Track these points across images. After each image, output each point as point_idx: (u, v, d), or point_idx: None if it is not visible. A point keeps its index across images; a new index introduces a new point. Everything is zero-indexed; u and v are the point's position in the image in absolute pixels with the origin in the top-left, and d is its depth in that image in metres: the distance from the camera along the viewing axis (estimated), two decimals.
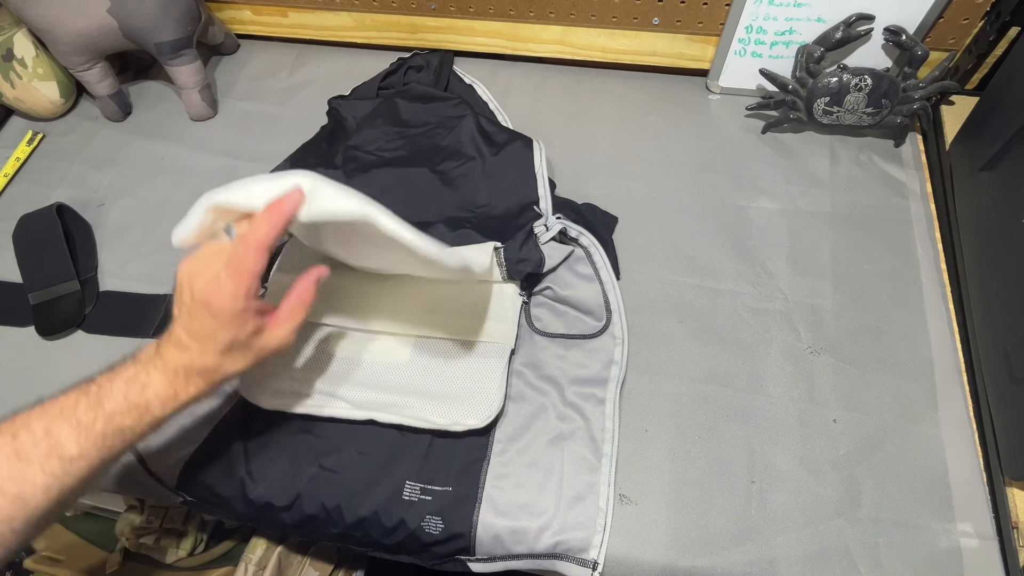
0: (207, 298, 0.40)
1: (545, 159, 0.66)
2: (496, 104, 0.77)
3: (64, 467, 0.37)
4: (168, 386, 0.41)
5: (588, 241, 0.61)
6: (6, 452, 0.37)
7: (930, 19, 0.66)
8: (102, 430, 0.39)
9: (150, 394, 0.41)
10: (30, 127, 0.82)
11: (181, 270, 0.42)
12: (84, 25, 0.71)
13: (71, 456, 0.38)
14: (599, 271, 0.60)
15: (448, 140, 0.68)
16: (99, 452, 0.39)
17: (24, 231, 0.68)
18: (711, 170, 0.72)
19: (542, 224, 0.61)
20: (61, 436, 0.38)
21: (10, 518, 0.36)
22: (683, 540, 0.51)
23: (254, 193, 0.41)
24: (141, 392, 0.41)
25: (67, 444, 0.38)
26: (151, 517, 0.91)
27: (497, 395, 0.55)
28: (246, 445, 0.55)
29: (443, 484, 0.53)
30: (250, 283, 0.40)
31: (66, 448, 0.37)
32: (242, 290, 0.40)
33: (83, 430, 0.38)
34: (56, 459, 0.37)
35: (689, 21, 0.74)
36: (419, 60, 0.80)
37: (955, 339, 0.60)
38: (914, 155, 0.72)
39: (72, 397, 0.40)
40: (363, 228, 0.44)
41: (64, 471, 0.37)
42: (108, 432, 0.39)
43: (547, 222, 0.61)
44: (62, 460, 0.37)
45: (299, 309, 0.46)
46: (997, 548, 0.50)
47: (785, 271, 0.64)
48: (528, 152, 0.66)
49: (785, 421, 0.56)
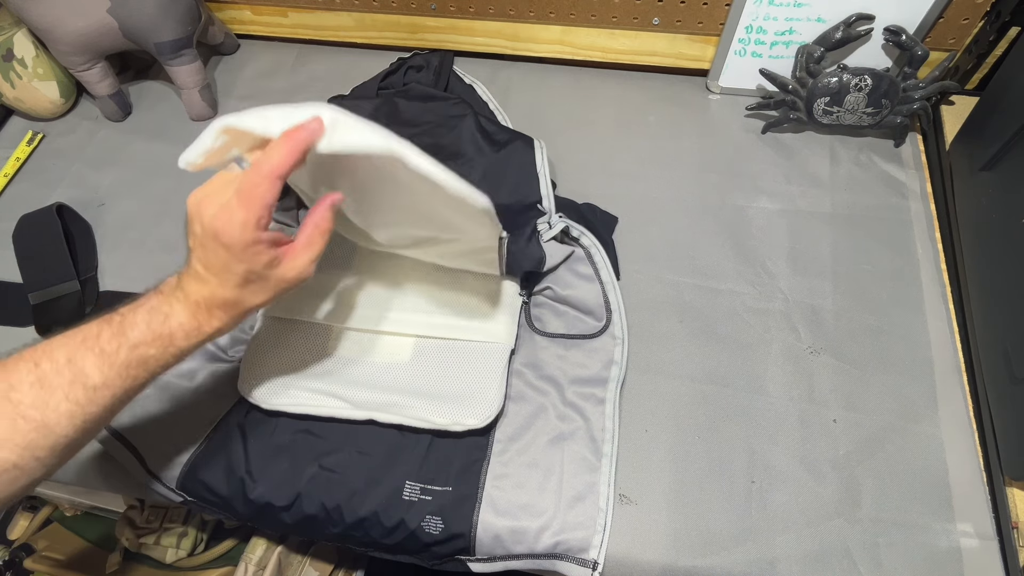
0: (216, 229, 0.38)
1: (547, 158, 0.66)
2: (496, 104, 0.77)
3: (88, 396, 0.37)
4: (191, 318, 0.41)
5: (589, 241, 0.60)
6: (29, 380, 0.36)
7: (930, 19, 0.66)
8: (125, 359, 0.38)
9: (173, 325, 0.40)
10: (30, 127, 0.82)
11: (190, 200, 0.40)
12: (84, 25, 0.71)
13: (95, 385, 0.37)
14: (599, 271, 0.60)
15: (448, 139, 0.68)
16: (123, 382, 0.38)
17: (24, 231, 0.68)
18: (711, 170, 0.72)
19: (545, 222, 0.61)
20: (84, 365, 0.37)
21: (34, 445, 0.36)
22: (683, 540, 0.51)
23: (271, 119, 0.39)
24: (164, 323, 0.40)
25: (91, 373, 0.37)
26: (151, 517, 0.91)
27: (497, 395, 0.55)
28: (246, 445, 0.55)
29: (443, 484, 0.53)
30: (261, 213, 0.39)
31: (90, 377, 0.37)
32: (252, 219, 0.38)
33: (106, 359, 0.38)
34: (80, 387, 0.37)
35: (689, 21, 0.74)
36: (419, 60, 0.80)
37: (955, 339, 0.60)
38: (914, 155, 0.72)
39: (95, 327, 0.39)
40: (385, 168, 0.42)
41: (88, 399, 0.37)
42: (132, 362, 0.39)
43: (550, 220, 0.61)
44: (86, 389, 0.37)
45: (317, 238, 0.43)
46: (997, 548, 0.50)
47: (785, 271, 0.64)
48: (529, 151, 0.66)
49: (785, 421, 0.56)
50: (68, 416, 0.37)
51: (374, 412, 0.54)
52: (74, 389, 0.37)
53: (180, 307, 0.41)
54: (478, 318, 0.59)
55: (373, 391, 0.56)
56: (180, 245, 0.70)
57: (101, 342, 0.38)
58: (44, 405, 0.36)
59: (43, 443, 0.36)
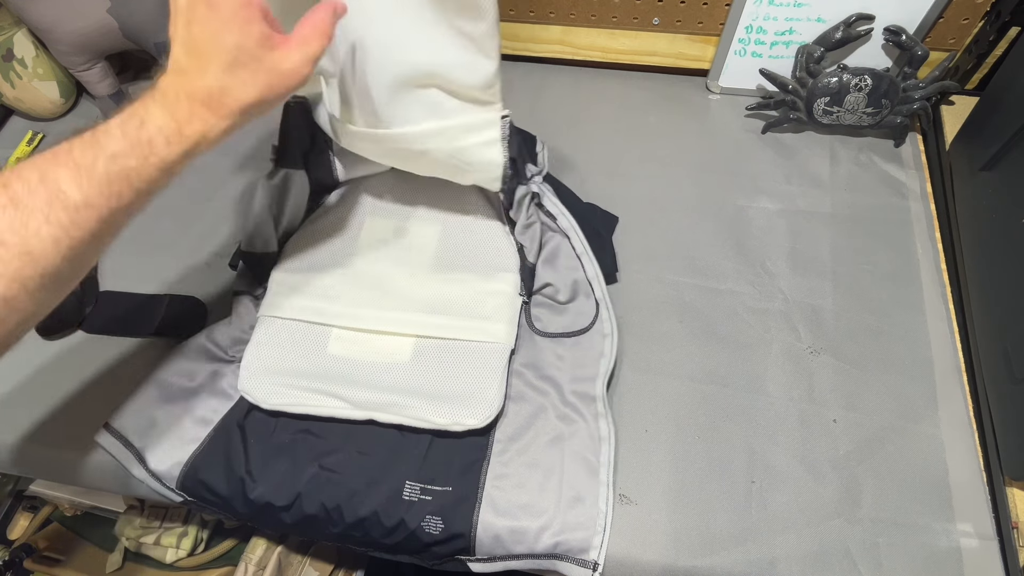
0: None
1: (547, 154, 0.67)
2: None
3: (70, 216, 0.33)
4: (170, 118, 0.36)
5: (568, 223, 0.61)
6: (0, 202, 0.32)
7: (930, 19, 0.66)
8: (104, 171, 0.34)
9: (151, 129, 0.36)
10: (30, 127, 0.82)
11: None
12: (84, 25, 0.71)
13: (75, 204, 0.33)
14: (580, 257, 0.60)
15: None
16: (106, 200, 0.34)
17: None
18: (711, 170, 0.72)
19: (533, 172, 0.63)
20: (59, 181, 0.33)
21: (20, 276, 0.32)
22: (683, 540, 0.51)
23: None
24: (141, 127, 0.36)
25: (68, 190, 0.33)
26: (151, 517, 0.91)
27: (497, 395, 0.55)
28: (246, 445, 0.55)
29: (443, 484, 0.53)
30: None
31: (68, 195, 0.33)
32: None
33: (83, 172, 0.34)
34: (60, 207, 0.33)
35: (689, 21, 0.74)
36: None
37: (955, 339, 0.60)
38: (914, 155, 0.72)
39: (64, 143, 0.35)
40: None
41: (71, 221, 0.33)
42: (111, 175, 0.34)
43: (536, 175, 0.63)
44: (66, 208, 0.33)
45: (314, 37, 0.39)
46: (997, 548, 0.50)
47: (785, 271, 0.64)
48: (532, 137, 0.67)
49: (785, 421, 0.56)
50: (52, 241, 0.33)
51: (374, 412, 0.54)
52: (54, 210, 0.33)
53: (157, 108, 0.36)
54: (478, 318, 0.59)
55: (373, 391, 0.56)
56: (180, 245, 0.70)
57: (74, 156, 0.34)
58: (23, 228, 0.32)
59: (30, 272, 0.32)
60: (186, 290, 0.66)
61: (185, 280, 0.67)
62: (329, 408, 0.55)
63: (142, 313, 0.65)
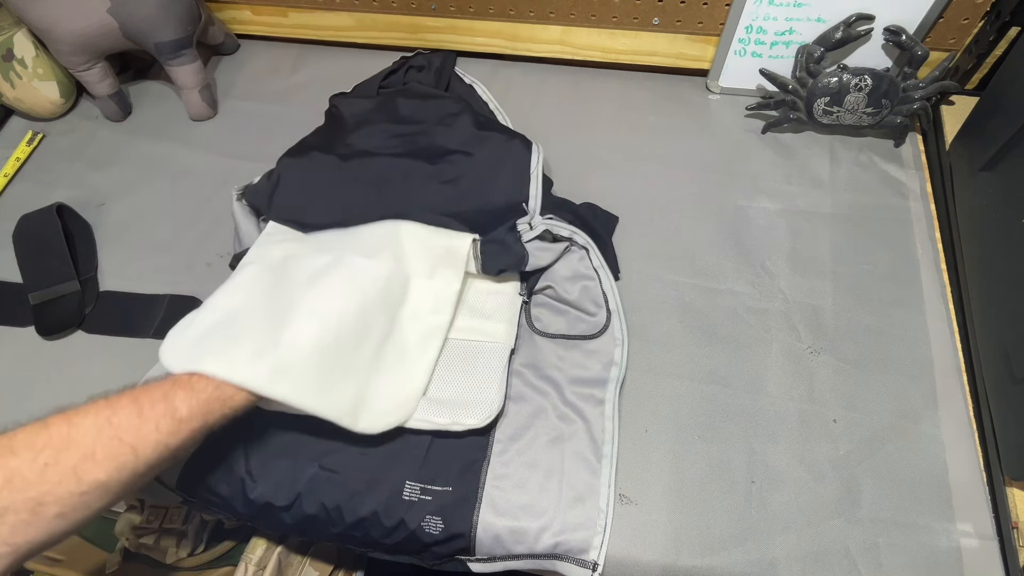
0: None
1: (542, 161, 0.65)
2: (496, 104, 0.77)
3: (173, 427, 0.41)
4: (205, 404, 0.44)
5: (584, 239, 0.60)
6: (129, 409, 0.41)
7: (930, 19, 0.66)
8: (208, 396, 0.43)
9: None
10: (30, 127, 0.82)
11: None
12: (84, 25, 0.71)
13: (181, 417, 0.41)
14: (598, 271, 0.60)
15: (446, 137, 0.68)
16: (203, 417, 0.43)
17: (24, 231, 0.68)
18: (711, 170, 0.72)
19: (526, 223, 0.60)
20: (175, 400, 0.42)
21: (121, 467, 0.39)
22: (683, 540, 0.51)
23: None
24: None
25: (179, 406, 0.42)
26: (151, 517, 0.91)
27: (497, 395, 0.55)
28: (246, 445, 0.55)
29: (443, 484, 0.53)
30: None
31: (178, 410, 0.41)
32: None
33: (194, 395, 0.42)
34: (169, 419, 0.41)
35: (689, 21, 0.74)
36: (420, 60, 0.80)
37: (955, 339, 0.60)
38: (914, 155, 0.72)
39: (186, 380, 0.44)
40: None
41: (171, 431, 0.41)
42: (212, 398, 0.43)
43: (531, 220, 0.60)
44: (173, 420, 0.41)
45: None
46: (997, 548, 0.50)
47: (785, 271, 0.64)
48: (526, 152, 0.66)
49: (785, 421, 0.56)
50: (154, 445, 0.40)
51: None
52: (164, 420, 0.41)
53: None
54: (478, 318, 0.59)
55: None
56: (179, 245, 0.70)
57: (192, 380, 0.43)
58: (137, 431, 0.40)
59: (129, 466, 0.39)
60: (186, 290, 0.66)
61: (185, 280, 0.67)
62: None
63: (142, 313, 0.65)
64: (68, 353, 0.63)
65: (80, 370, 0.62)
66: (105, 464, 0.39)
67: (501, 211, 0.61)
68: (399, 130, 0.70)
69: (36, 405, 0.59)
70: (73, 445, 0.39)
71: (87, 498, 0.38)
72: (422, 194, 0.63)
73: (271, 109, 0.82)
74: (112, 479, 0.39)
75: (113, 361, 0.62)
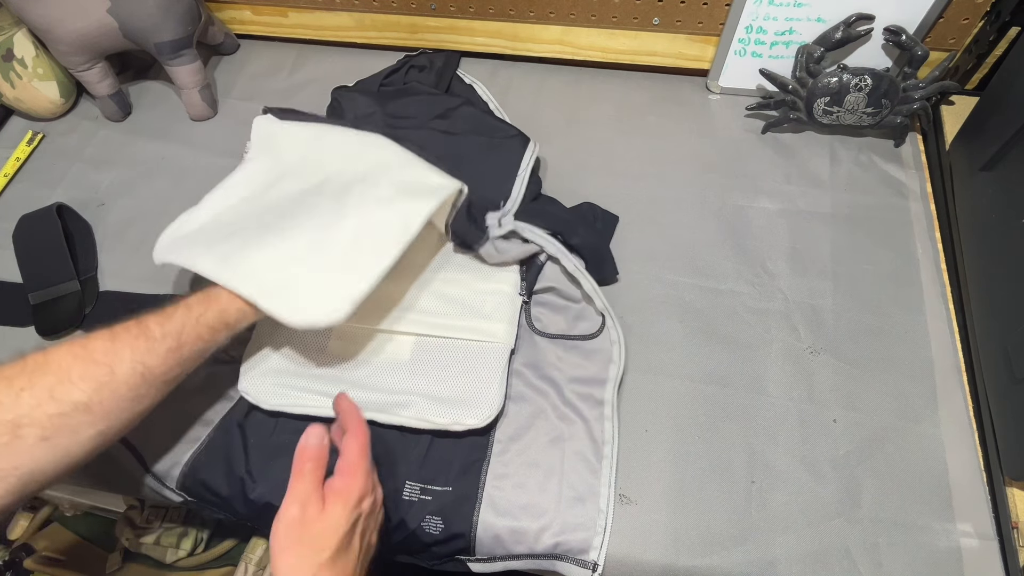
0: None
1: (534, 160, 0.65)
2: (496, 104, 0.77)
3: (148, 345, 0.44)
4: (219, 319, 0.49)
5: (556, 249, 0.59)
6: (103, 335, 0.43)
7: (930, 19, 0.66)
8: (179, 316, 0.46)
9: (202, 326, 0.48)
10: (30, 127, 0.82)
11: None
12: (84, 25, 0.71)
13: (155, 336, 0.44)
14: (574, 275, 0.59)
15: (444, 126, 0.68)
16: (176, 336, 0.45)
17: (24, 231, 0.68)
18: (711, 170, 0.72)
19: (496, 218, 0.60)
20: (148, 323, 0.45)
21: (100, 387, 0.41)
22: (683, 540, 0.51)
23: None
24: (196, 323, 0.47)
25: (152, 328, 0.45)
26: (151, 517, 0.91)
27: (497, 395, 0.55)
28: (246, 445, 0.55)
29: (443, 484, 0.53)
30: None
31: (151, 330, 0.45)
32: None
33: (166, 317, 0.46)
34: (143, 339, 0.44)
35: (689, 21, 0.74)
36: (423, 60, 0.80)
37: (955, 339, 0.60)
38: (914, 155, 0.72)
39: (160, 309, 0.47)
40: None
41: (147, 348, 0.44)
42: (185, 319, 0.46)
43: (501, 218, 0.60)
44: (148, 340, 0.44)
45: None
46: (997, 548, 0.50)
47: (785, 271, 0.64)
48: (520, 149, 0.65)
49: (785, 421, 0.56)
50: (130, 362, 0.43)
51: (374, 413, 0.54)
52: (138, 341, 0.44)
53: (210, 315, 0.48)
54: (478, 318, 0.59)
55: (373, 391, 0.56)
56: None
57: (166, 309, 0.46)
58: (112, 352, 0.42)
59: (107, 384, 0.41)
60: (186, 290, 0.66)
61: (185, 280, 0.67)
62: (329, 409, 0.55)
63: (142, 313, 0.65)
64: None
65: None
66: (81, 384, 0.40)
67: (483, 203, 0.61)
68: (397, 124, 0.70)
69: None
70: (48, 369, 0.40)
71: (68, 420, 0.39)
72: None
73: None
74: (91, 399, 0.40)
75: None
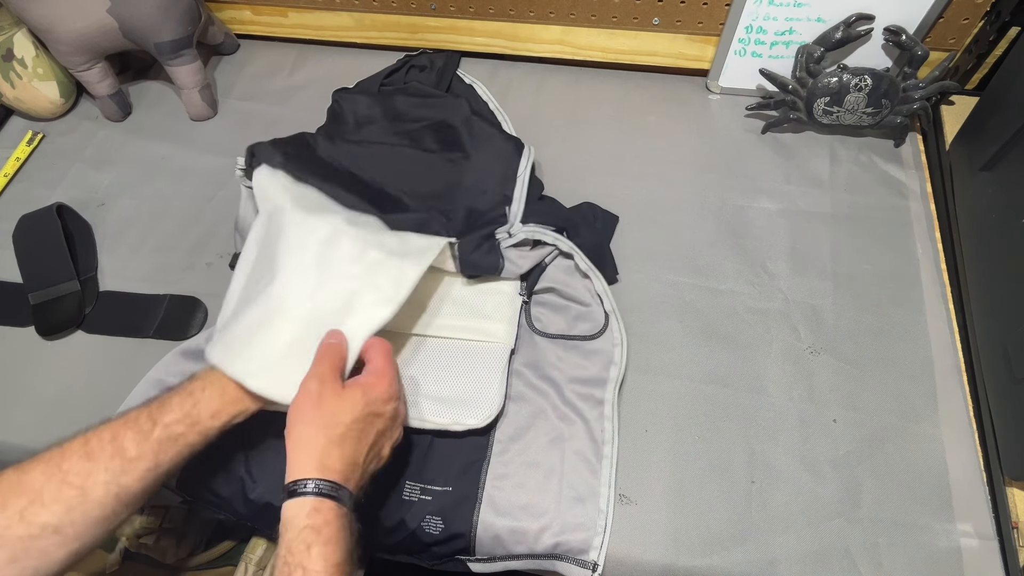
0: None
1: (532, 164, 0.65)
2: (496, 104, 0.77)
3: (123, 466, 0.42)
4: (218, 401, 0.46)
5: (568, 246, 0.60)
6: (78, 453, 0.42)
7: (930, 19, 0.66)
8: (158, 436, 0.43)
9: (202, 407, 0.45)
10: (30, 127, 0.82)
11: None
12: (84, 25, 0.71)
13: (131, 457, 0.42)
14: (587, 273, 0.60)
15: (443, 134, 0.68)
16: (154, 455, 0.43)
17: (24, 231, 0.68)
18: (711, 170, 0.72)
19: (505, 230, 0.61)
20: (124, 440, 0.43)
21: (72, 510, 0.40)
22: (683, 540, 0.51)
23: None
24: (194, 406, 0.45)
25: (128, 447, 0.42)
26: (151, 517, 0.91)
27: (497, 395, 0.55)
28: (246, 445, 0.55)
29: (443, 484, 0.53)
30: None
31: (127, 450, 0.42)
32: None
33: (142, 435, 0.43)
34: (118, 459, 0.42)
35: (689, 21, 0.74)
36: (423, 60, 0.80)
37: (955, 339, 0.60)
38: (914, 155, 0.72)
39: (135, 412, 0.45)
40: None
41: (123, 469, 0.42)
42: (163, 437, 0.44)
43: (511, 229, 0.61)
44: (123, 460, 0.42)
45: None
46: (997, 548, 0.50)
47: (785, 271, 0.64)
48: (516, 155, 0.66)
49: (785, 421, 0.56)
50: (104, 484, 0.41)
51: None
52: (113, 461, 0.42)
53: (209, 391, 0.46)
54: (478, 318, 0.59)
55: None
56: (180, 245, 0.70)
57: (139, 422, 0.44)
58: (87, 474, 0.41)
59: (80, 508, 0.40)
60: (186, 290, 0.66)
61: (185, 280, 0.67)
62: None
63: (142, 313, 0.65)
64: (68, 353, 0.63)
65: (80, 370, 0.62)
66: (53, 507, 0.39)
67: (486, 211, 0.62)
68: (397, 127, 0.70)
69: (36, 405, 0.60)
70: (21, 490, 0.40)
71: (38, 542, 0.39)
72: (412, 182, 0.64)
73: (271, 109, 0.82)
74: (62, 521, 0.39)
75: (113, 361, 0.62)
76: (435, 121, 0.70)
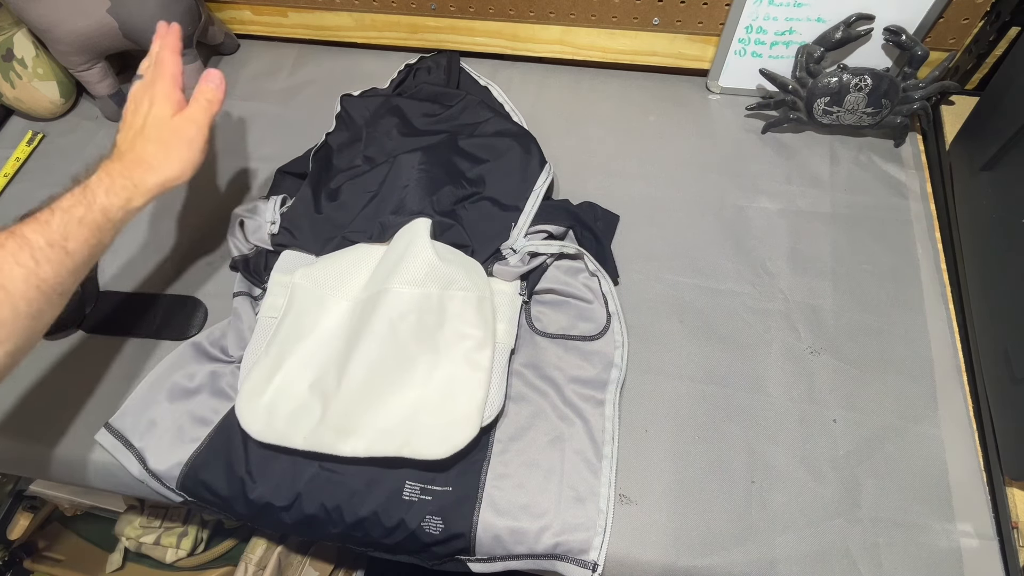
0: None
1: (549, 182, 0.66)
2: (512, 106, 0.77)
3: (34, 255, 0.42)
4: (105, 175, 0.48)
5: (575, 249, 0.61)
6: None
7: (930, 19, 0.66)
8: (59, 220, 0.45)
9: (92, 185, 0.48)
10: (30, 127, 0.82)
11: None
12: (84, 25, 0.71)
13: (39, 245, 0.43)
14: (596, 274, 0.60)
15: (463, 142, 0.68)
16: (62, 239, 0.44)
17: None
18: (711, 170, 0.72)
19: (509, 247, 0.62)
20: (24, 231, 0.43)
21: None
22: (683, 540, 0.51)
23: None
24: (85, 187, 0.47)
25: (32, 237, 0.43)
26: (151, 517, 0.91)
27: (497, 395, 0.55)
28: (246, 445, 0.55)
29: (443, 484, 0.53)
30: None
31: (33, 240, 0.43)
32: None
33: (42, 224, 0.44)
34: (26, 251, 0.42)
35: (689, 21, 0.74)
36: (428, 63, 0.80)
37: (955, 339, 0.60)
38: (914, 155, 0.72)
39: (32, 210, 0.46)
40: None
41: (35, 260, 0.42)
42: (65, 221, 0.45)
43: (514, 245, 0.61)
44: (32, 250, 0.43)
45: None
46: (997, 548, 0.50)
47: (785, 271, 0.64)
48: (537, 171, 0.66)
49: (785, 421, 0.56)
50: (23, 279, 0.42)
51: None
52: (22, 253, 0.42)
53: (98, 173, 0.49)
54: None
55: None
56: (180, 245, 0.70)
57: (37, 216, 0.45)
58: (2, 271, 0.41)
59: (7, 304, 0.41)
60: (186, 290, 0.66)
61: (185, 280, 0.67)
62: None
63: (142, 313, 0.65)
64: (68, 353, 0.63)
65: (80, 370, 0.62)
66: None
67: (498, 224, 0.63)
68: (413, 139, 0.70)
69: (36, 405, 0.60)
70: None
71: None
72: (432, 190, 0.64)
73: (271, 109, 0.82)
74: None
75: (113, 361, 0.62)
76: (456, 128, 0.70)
